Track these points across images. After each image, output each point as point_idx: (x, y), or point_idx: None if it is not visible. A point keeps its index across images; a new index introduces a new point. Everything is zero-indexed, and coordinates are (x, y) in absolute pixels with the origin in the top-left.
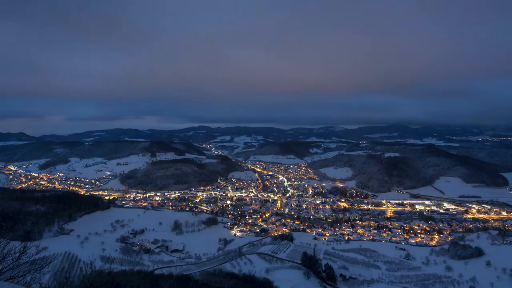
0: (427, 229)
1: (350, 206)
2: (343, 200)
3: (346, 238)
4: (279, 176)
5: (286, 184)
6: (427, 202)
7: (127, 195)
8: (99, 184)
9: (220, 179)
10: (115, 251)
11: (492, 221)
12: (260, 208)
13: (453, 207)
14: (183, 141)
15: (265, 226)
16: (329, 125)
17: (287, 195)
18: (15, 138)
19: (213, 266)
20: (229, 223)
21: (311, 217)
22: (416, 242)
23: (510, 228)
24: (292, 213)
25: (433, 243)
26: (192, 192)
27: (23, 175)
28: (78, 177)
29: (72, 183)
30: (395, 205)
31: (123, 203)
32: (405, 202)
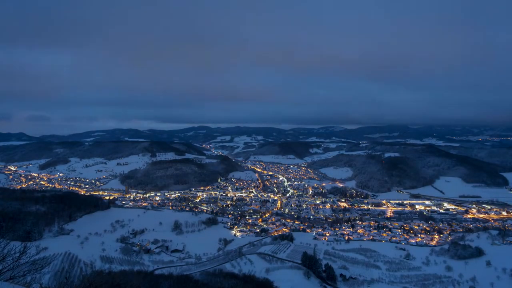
0: (427, 229)
1: (350, 206)
2: (343, 200)
3: (346, 238)
4: (279, 176)
5: (286, 184)
6: (427, 202)
7: (127, 195)
8: (99, 184)
9: (220, 179)
10: (115, 251)
11: (492, 221)
12: (260, 208)
13: (453, 207)
14: (183, 141)
15: (265, 226)
16: (329, 125)
17: (287, 195)
18: (15, 138)
19: (213, 266)
20: (229, 223)
21: (311, 217)
22: (416, 242)
23: (510, 228)
24: (292, 213)
25: (433, 243)
26: (192, 192)
27: (23, 175)
28: (78, 177)
29: (72, 183)
30: (395, 205)
31: (123, 203)
32: (405, 202)
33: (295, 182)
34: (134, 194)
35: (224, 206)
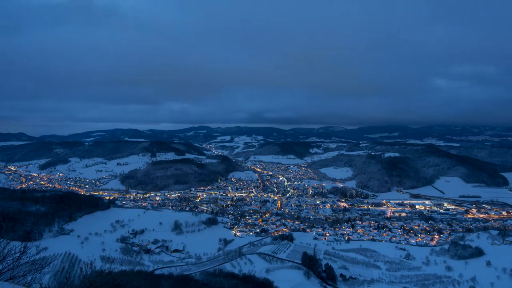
0: (427, 229)
1: (350, 206)
2: (343, 200)
3: (346, 238)
4: (279, 176)
5: (286, 184)
6: (427, 202)
7: (127, 195)
8: (99, 184)
9: (220, 179)
10: (115, 251)
11: (492, 221)
12: (260, 208)
13: (453, 207)
14: (183, 141)
15: (265, 226)
16: (329, 125)
17: (287, 195)
18: (15, 138)
19: (213, 266)
20: (229, 223)
21: (311, 217)
22: (416, 242)
23: (510, 228)
24: (292, 213)
25: (433, 243)
26: (192, 192)
27: (23, 175)
28: (78, 177)
29: (72, 183)
30: (395, 205)
31: (123, 203)
32: (405, 202)
33: (295, 182)
34: (134, 194)
35: (224, 206)
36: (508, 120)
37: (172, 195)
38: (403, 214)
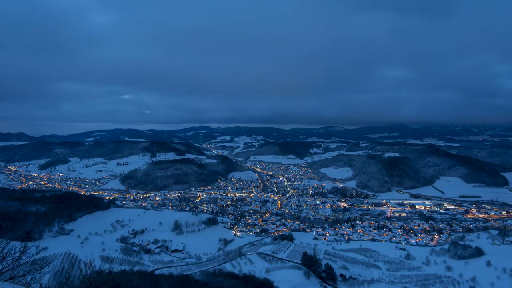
0: (427, 229)
1: (350, 206)
2: (343, 200)
3: (346, 238)
4: (279, 176)
5: (286, 184)
6: (427, 202)
7: (127, 195)
8: (99, 184)
9: (220, 179)
10: (115, 251)
11: (492, 221)
12: (260, 208)
13: (453, 207)
14: (183, 141)
15: (265, 226)
16: (329, 125)
17: (287, 195)
18: (15, 138)
19: (213, 266)
20: (229, 223)
21: (311, 217)
22: (416, 242)
23: (510, 228)
24: (292, 213)
25: (433, 243)
26: (192, 192)
27: (23, 175)
28: (78, 177)
29: (72, 183)
30: (395, 205)
31: (123, 203)
32: (405, 202)
33: (295, 182)
34: (134, 194)
35: (224, 206)
36: (508, 120)
37: (172, 195)
38: (403, 214)
